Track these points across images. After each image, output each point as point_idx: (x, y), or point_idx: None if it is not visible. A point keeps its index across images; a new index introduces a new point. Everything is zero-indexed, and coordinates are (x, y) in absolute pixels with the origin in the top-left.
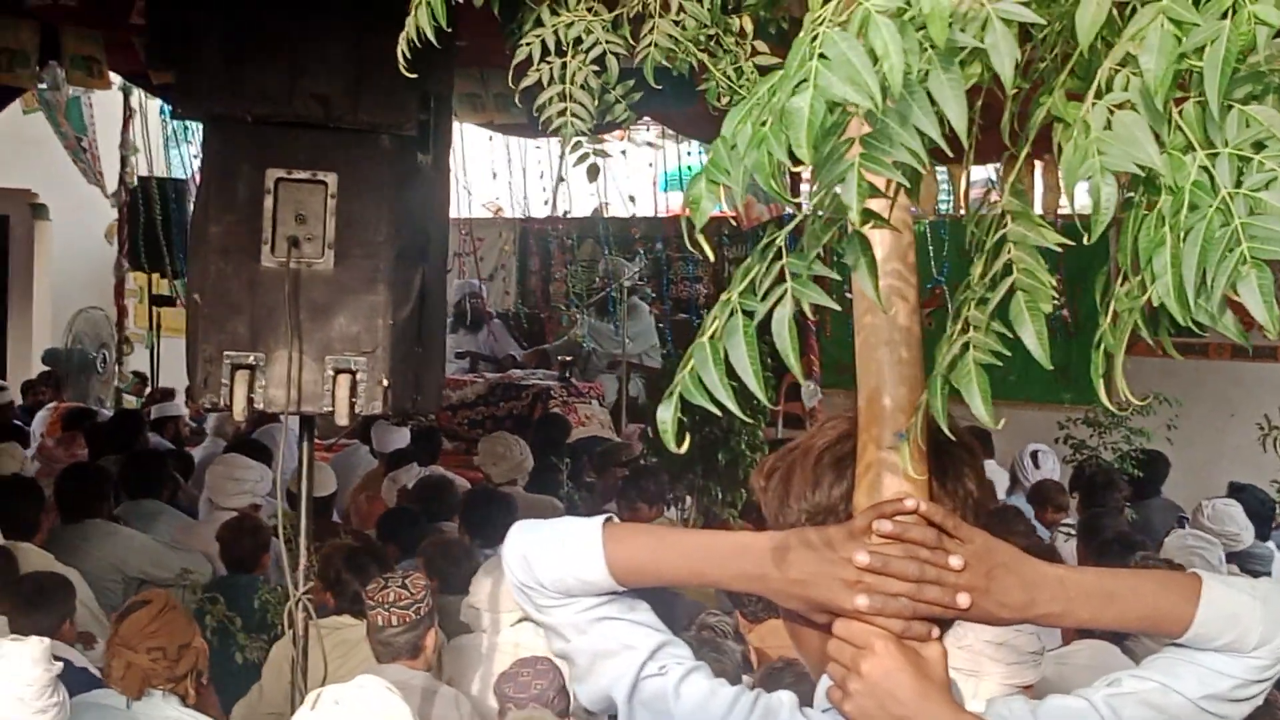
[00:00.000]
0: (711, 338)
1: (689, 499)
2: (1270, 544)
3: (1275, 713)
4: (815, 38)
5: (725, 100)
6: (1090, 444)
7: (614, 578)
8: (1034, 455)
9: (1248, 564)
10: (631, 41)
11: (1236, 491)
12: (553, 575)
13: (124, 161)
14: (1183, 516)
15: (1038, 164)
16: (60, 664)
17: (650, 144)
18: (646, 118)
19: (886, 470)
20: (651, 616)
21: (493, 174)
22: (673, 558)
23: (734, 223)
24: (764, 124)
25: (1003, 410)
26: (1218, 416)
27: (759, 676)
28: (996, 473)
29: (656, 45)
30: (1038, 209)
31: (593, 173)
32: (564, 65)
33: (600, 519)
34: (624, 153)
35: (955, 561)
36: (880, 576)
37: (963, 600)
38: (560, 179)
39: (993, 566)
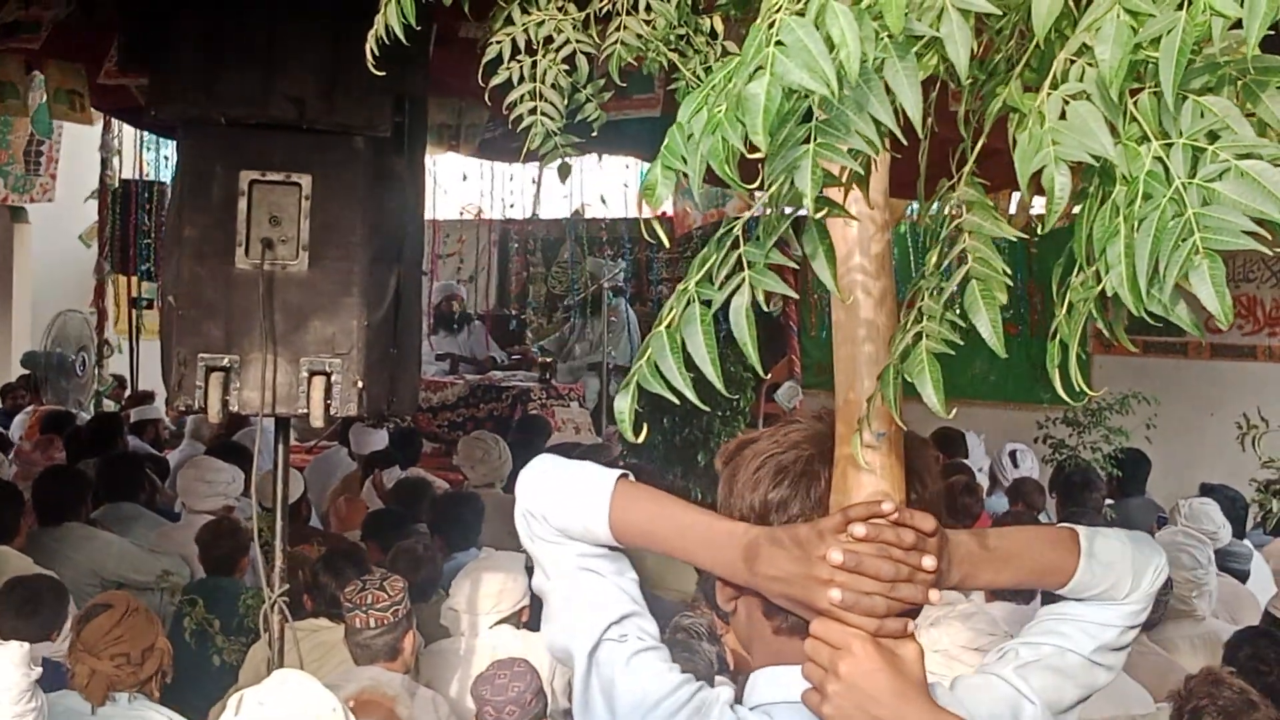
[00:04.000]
0: (669, 327)
1: None
2: (1247, 542)
3: (1249, 698)
4: (772, 24)
5: None
6: (1069, 443)
7: (613, 533)
8: (1012, 454)
9: (1227, 562)
10: (599, 41)
11: (1208, 491)
12: (559, 512)
13: (104, 164)
14: (1162, 516)
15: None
16: (39, 669)
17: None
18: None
19: (862, 468)
20: (634, 586)
21: (463, 176)
22: (667, 528)
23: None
24: (719, 110)
25: (982, 410)
26: (1197, 415)
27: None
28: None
29: (624, 44)
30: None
31: (564, 172)
32: (534, 64)
33: (617, 473)
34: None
35: (928, 563)
36: (854, 575)
37: (934, 597)
38: (534, 181)
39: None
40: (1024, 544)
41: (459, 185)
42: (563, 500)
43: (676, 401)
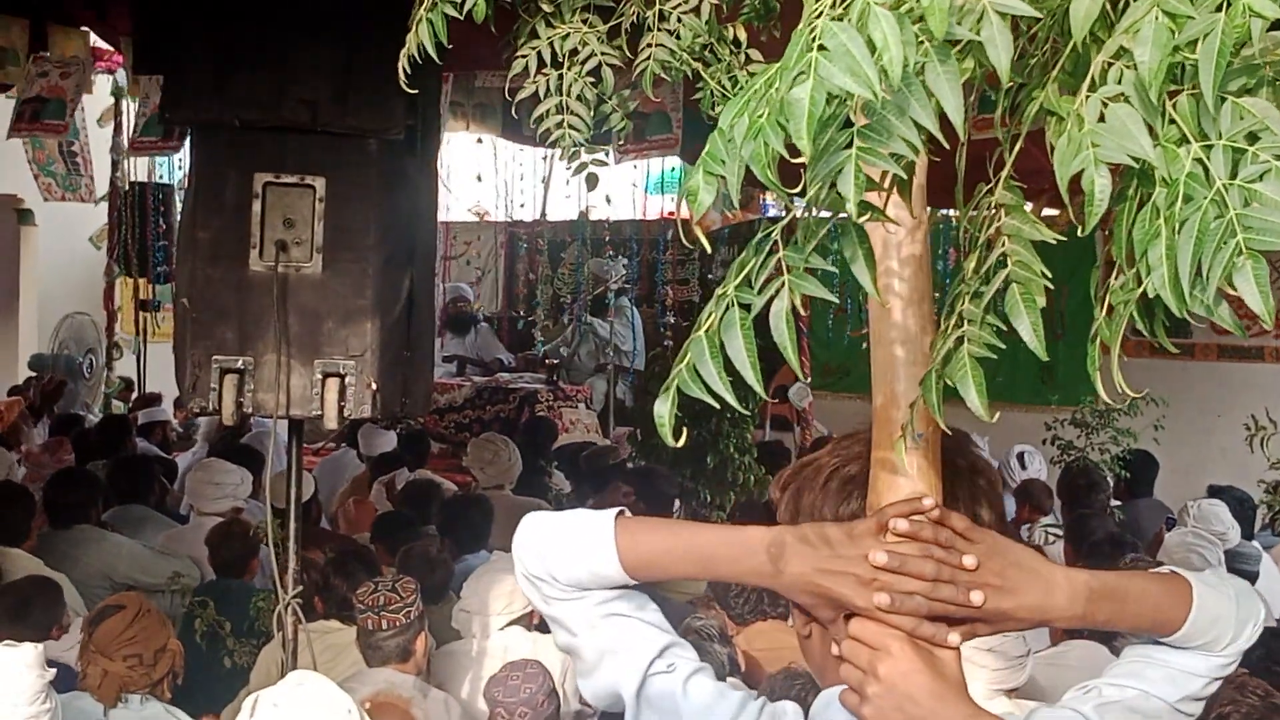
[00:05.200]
0: (708, 331)
1: (677, 501)
2: (1255, 543)
3: (1273, 702)
4: (814, 29)
5: (719, 109)
6: (1078, 445)
7: (626, 571)
8: (1020, 456)
9: (1236, 563)
10: (628, 53)
11: (1216, 493)
12: (565, 568)
13: (115, 166)
14: (1171, 517)
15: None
16: (53, 670)
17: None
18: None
19: (899, 470)
20: (659, 616)
21: (477, 177)
22: (685, 552)
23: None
24: (761, 115)
25: (990, 411)
26: (1204, 417)
27: (771, 681)
28: None
29: (653, 58)
30: None
31: (591, 182)
32: (560, 77)
33: (613, 512)
34: (607, 153)
35: (969, 561)
36: (896, 575)
37: (976, 598)
38: (543, 181)
39: (1005, 566)
40: (1142, 589)
41: (467, 187)
42: (565, 554)
43: (717, 406)
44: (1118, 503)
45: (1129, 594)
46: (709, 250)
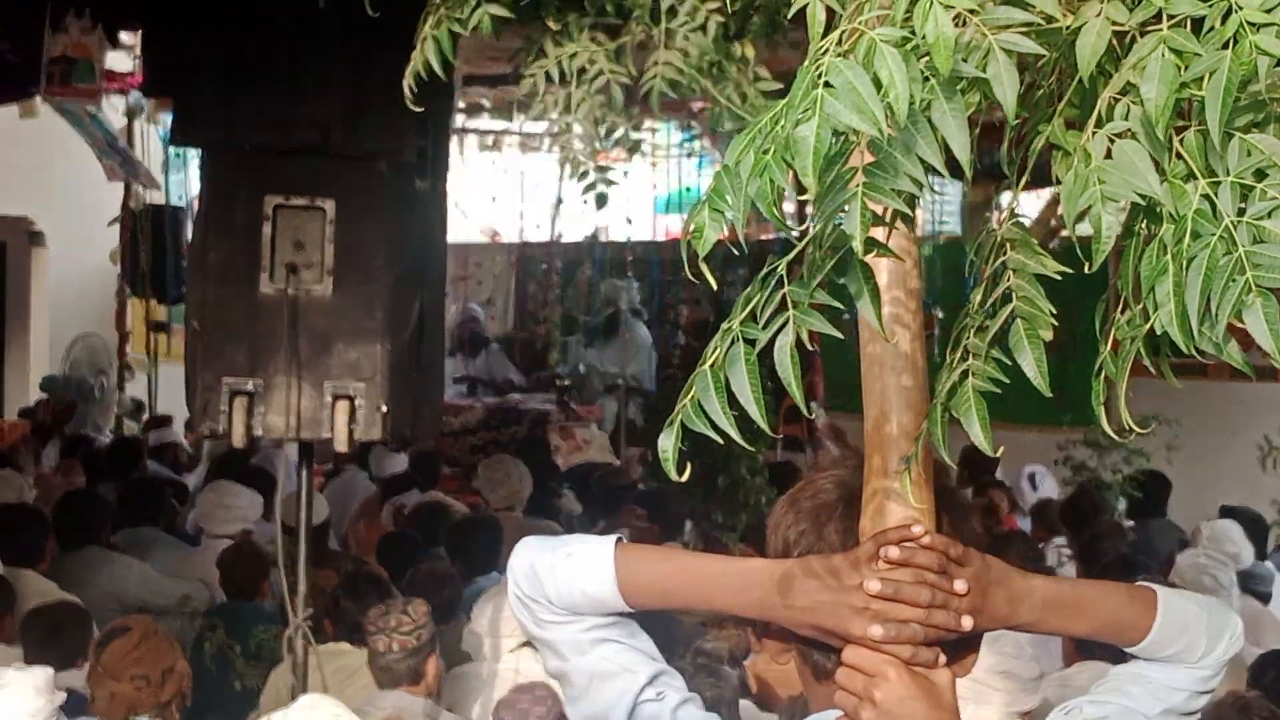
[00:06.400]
0: (713, 366)
1: (688, 523)
2: (1268, 564)
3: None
4: (820, 66)
5: (728, 125)
6: (1090, 465)
7: (625, 599)
8: (1031, 477)
9: (1249, 584)
10: (634, 71)
11: (1229, 513)
12: (562, 592)
13: (127, 188)
14: (1183, 538)
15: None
16: (63, 694)
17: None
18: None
19: (892, 496)
20: (650, 644)
21: (492, 198)
22: (684, 582)
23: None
24: (766, 152)
25: (1001, 432)
26: (1217, 437)
27: (791, 704)
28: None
29: (661, 76)
30: None
31: (601, 201)
32: (569, 95)
33: (612, 538)
34: (625, 174)
35: (960, 586)
36: (891, 603)
37: (967, 623)
38: (559, 200)
39: (987, 585)
40: (1100, 597)
41: (479, 207)
42: (563, 579)
43: (721, 442)
44: (1130, 523)
45: (1083, 601)
46: (715, 287)
